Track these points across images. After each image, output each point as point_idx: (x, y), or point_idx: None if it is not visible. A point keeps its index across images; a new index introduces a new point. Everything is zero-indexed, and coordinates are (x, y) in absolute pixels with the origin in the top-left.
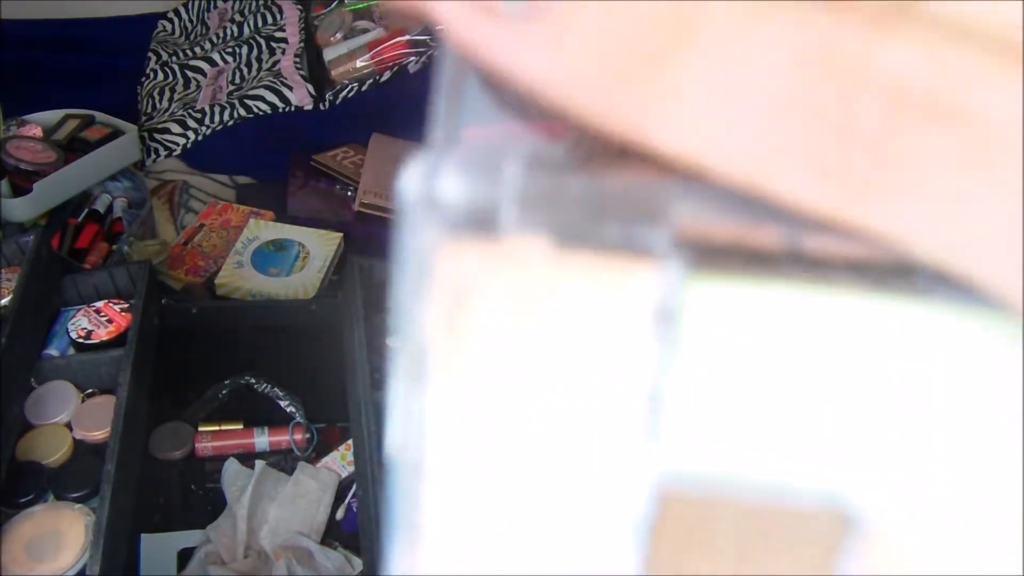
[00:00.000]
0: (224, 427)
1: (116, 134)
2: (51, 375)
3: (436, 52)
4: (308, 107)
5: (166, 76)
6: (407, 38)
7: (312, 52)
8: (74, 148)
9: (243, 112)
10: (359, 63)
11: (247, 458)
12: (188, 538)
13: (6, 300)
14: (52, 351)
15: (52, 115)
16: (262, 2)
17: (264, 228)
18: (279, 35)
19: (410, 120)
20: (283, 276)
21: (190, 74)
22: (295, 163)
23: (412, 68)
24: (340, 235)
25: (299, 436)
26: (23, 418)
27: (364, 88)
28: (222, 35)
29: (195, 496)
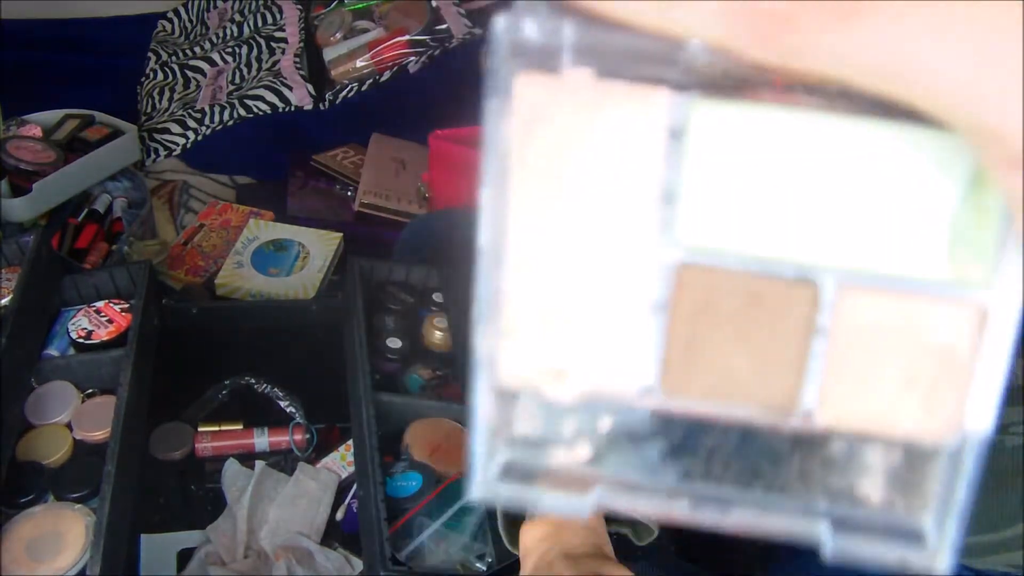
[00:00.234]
0: (224, 427)
1: (116, 134)
2: (51, 375)
3: (436, 52)
4: (308, 107)
5: (166, 76)
6: (407, 38)
7: (312, 52)
8: (74, 148)
9: (243, 112)
10: (359, 63)
11: (247, 458)
12: (188, 538)
13: (6, 300)
14: (52, 351)
15: (52, 115)
16: (262, 2)
17: (264, 228)
18: (279, 35)
19: (410, 120)
20: (283, 276)
21: (190, 74)
22: (295, 163)
23: (412, 68)
24: (340, 235)
25: (299, 436)
26: (23, 418)
27: (364, 88)
28: (222, 35)
29: (195, 496)
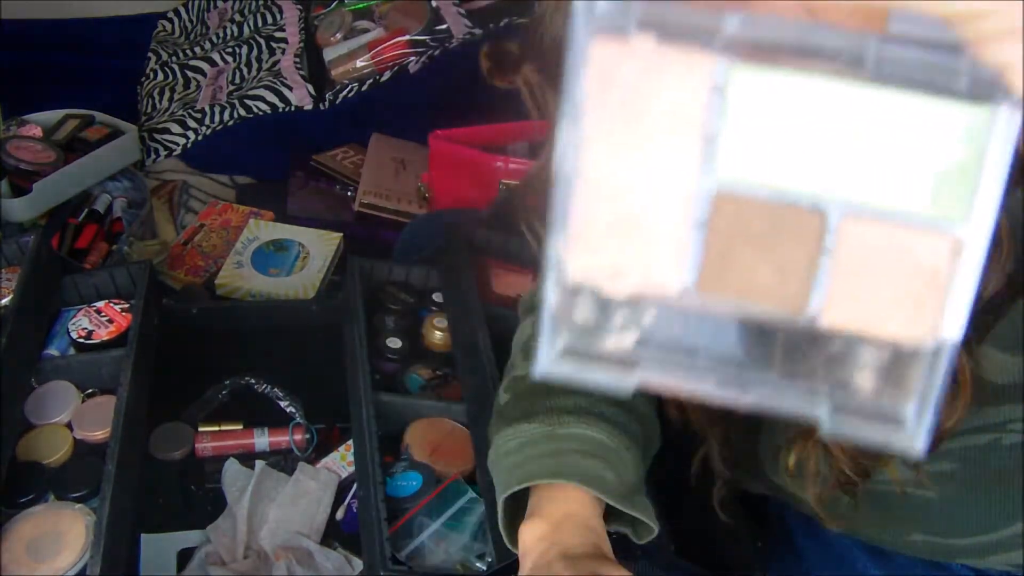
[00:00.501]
0: (224, 427)
1: (116, 134)
2: (51, 375)
3: (436, 52)
4: (308, 107)
5: (166, 76)
6: (407, 38)
7: (312, 52)
8: (74, 148)
9: (243, 112)
10: (359, 63)
11: (247, 458)
12: (188, 538)
13: (6, 300)
14: (52, 351)
15: (52, 115)
16: (262, 2)
17: (264, 228)
18: (279, 35)
19: (410, 120)
20: (283, 276)
21: (190, 74)
22: (295, 163)
23: (412, 68)
24: (340, 235)
25: (299, 436)
26: (23, 418)
27: (364, 88)
28: (222, 35)
29: (195, 496)
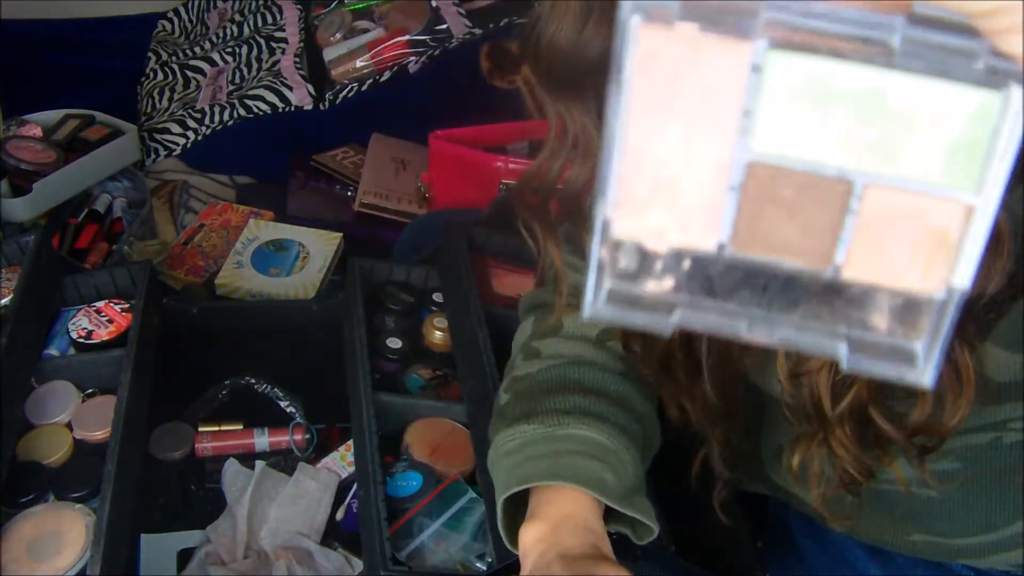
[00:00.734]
0: (224, 427)
1: (116, 134)
2: (51, 375)
3: (436, 52)
4: (308, 107)
5: (166, 76)
6: (407, 38)
7: (312, 52)
8: (74, 148)
9: (243, 112)
10: (359, 63)
11: (247, 458)
12: (188, 538)
13: (6, 300)
14: (52, 351)
15: (52, 115)
16: (262, 2)
17: (264, 228)
18: (279, 35)
19: (410, 120)
20: (283, 276)
21: (190, 74)
22: (295, 163)
23: (412, 68)
24: (340, 235)
25: (299, 436)
26: (23, 418)
27: (364, 88)
28: (222, 35)
29: (195, 496)
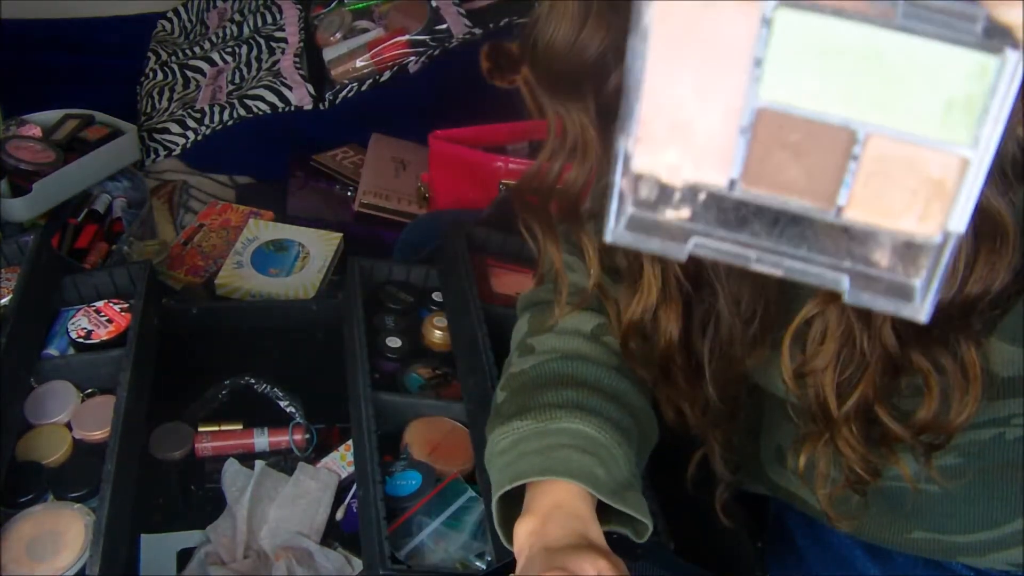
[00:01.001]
0: (224, 427)
1: (116, 134)
2: (51, 375)
3: (436, 52)
4: (308, 107)
5: (166, 76)
6: (407, 38)
7: (312, 52)
8: (74, 148)
9: (243, 112)
10: (359, 63)
11: (247, 458)
12: (188, 538)
13: (6, 300)
14: (52, 351)
15: (52, 115)
16: (262, 2)
17: (264, 228)
18: (279, 35)
19: (410, 120)
20: (283, 276)
21: (190, 74)
22: (295, 163)
23: (412, 68)
24: (340, 235)
25: (299, 436)
26: (23, 418)
27: (364, 88)
28: (222, 35)
29: (195, 496)
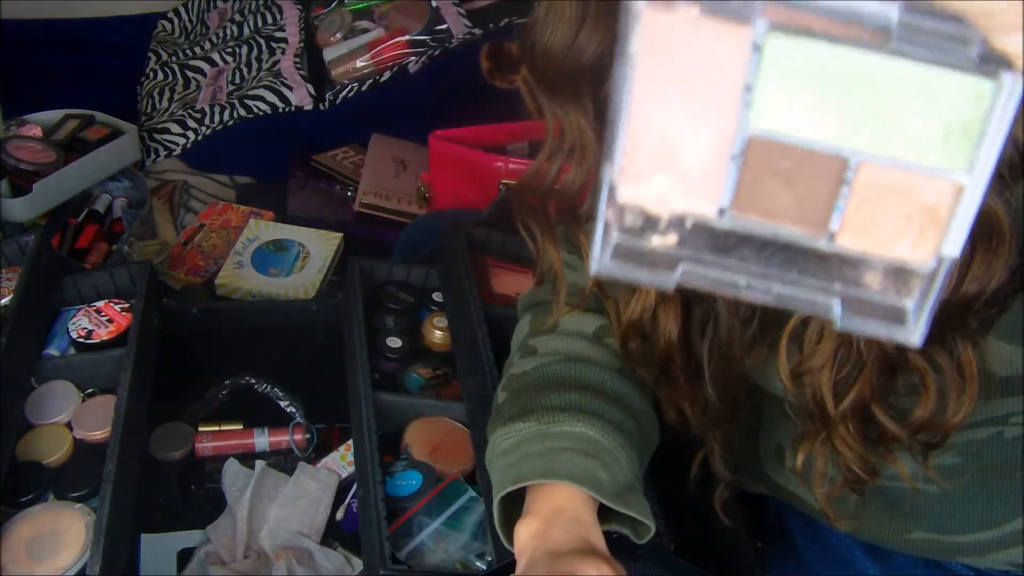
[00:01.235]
0: (224, 427)
1: (116, 134)
2: (51, 375)
3: (436, 52)
4: (308, 107)
5: (166, 76)
6: (407, 38)
7: (312, 52)
8: (74, 148)
9: (243, 112)
10: (359, 63)
11: (247, 458)
12: (188, 538)
13: (6, 300)
14: (52, 351)
15: (52, 115)
16: (262, 2)
17: (264, 228)
18: (279, 35)
19: (410, 120)
20: (283, 276)
21: (190, 74)
22: (295, 163)
23: (412, 68)
24: (340, 235)
25: (299, 436)
26: (23, 418)
27: (364, 88)
28: (222, 35)
29: (195, 496)
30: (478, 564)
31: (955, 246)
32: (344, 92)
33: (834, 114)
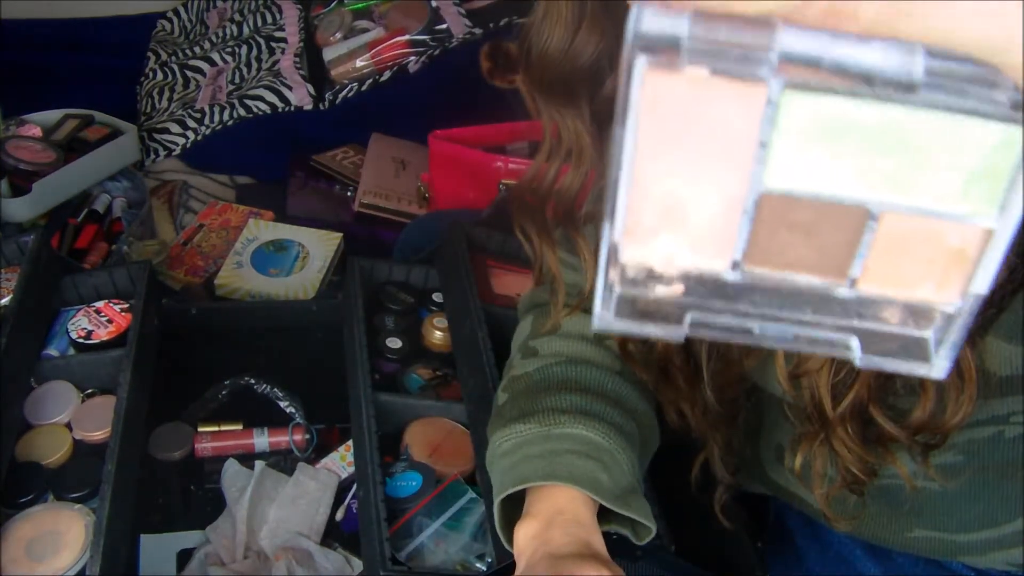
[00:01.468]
0: (224, 427)
1: (116, 134)
2: (51, 375)
3: (436, 52)
4: (308, 107)
5: (165, 76)
6: (407, 38)
7: (312, 52)
8: (74, 148)
9: (243, 112)
10: (359, 63)
11: (247, 459)
12: (188, 538)
13: (6, 300)
14: (52, 351)
15: (52, 115)
16: (262, 2)
17: (264, 228)
18: (279, 35)
19: (410, 120)
20: (283, 276)
21: (189, 74)
22: (295, 163)
23: (412, 68)
24: (340, 235)
25: (299, 436)
26: (23, 418)
27: (364, 88)
28: (221, 35)
29: (195, 496)
30: (478, 565)
31: (984, 284)
32: (344, 92)
33: (854, 167)
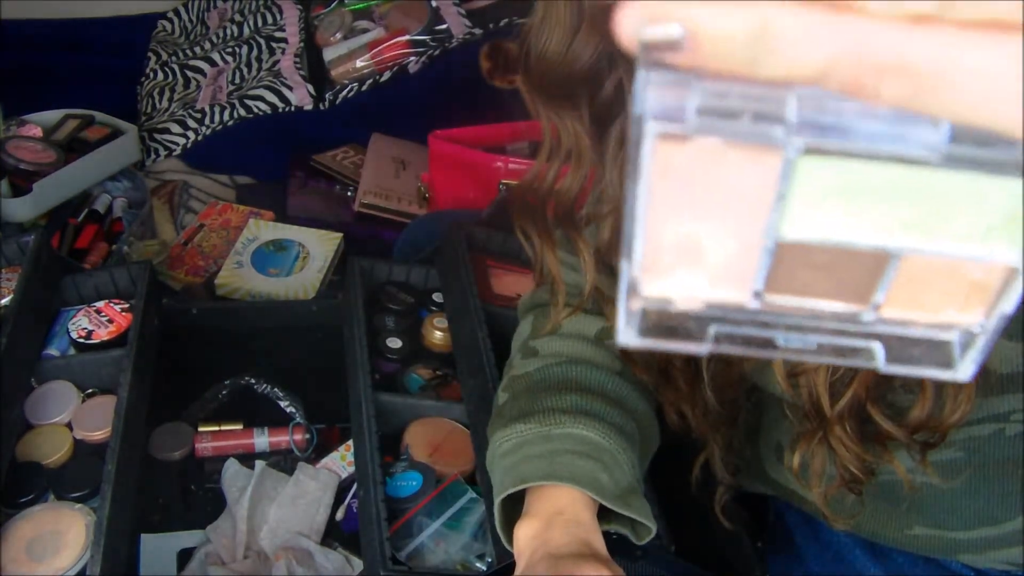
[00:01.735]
0: (224, 427)
1: (116, 134)
2: (51, 375)
3: (436, 52)
4: (308, 107)
5: (166, 76)
6: (407, 38)
7: (312, 52)
8: (74, 148)
9: (243, 112)
10: (359, 63)
11: (247, 458)
12: (188, 538)
13: (6, 300)
14: (52, 351)
15: (52, 115)
16: (262, 2)
17: (264, 228)
18: (279, 35)
19: (410, 120)
20: (283, 276)
21: (190, 74)
22: (295, 163)
23: (412, 68)
24: (340, 235)
25: (299, 436)
26: (23, 418)
27: (364, 88)
28: (222, 35)
29: (195, 496)
30: (478, 565)
31: (1010, 306)
32: (344, 92)
33: (873, 221)
